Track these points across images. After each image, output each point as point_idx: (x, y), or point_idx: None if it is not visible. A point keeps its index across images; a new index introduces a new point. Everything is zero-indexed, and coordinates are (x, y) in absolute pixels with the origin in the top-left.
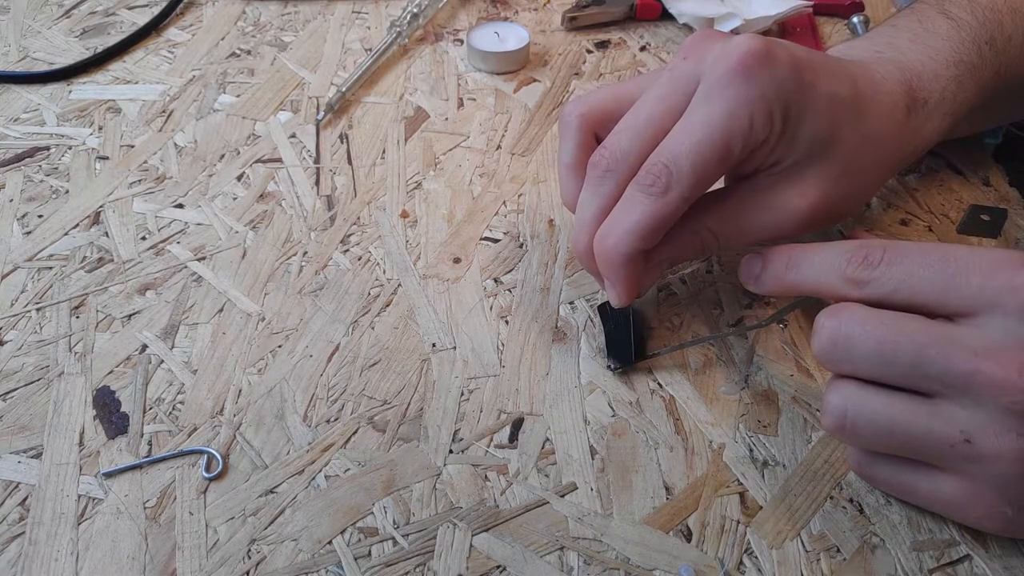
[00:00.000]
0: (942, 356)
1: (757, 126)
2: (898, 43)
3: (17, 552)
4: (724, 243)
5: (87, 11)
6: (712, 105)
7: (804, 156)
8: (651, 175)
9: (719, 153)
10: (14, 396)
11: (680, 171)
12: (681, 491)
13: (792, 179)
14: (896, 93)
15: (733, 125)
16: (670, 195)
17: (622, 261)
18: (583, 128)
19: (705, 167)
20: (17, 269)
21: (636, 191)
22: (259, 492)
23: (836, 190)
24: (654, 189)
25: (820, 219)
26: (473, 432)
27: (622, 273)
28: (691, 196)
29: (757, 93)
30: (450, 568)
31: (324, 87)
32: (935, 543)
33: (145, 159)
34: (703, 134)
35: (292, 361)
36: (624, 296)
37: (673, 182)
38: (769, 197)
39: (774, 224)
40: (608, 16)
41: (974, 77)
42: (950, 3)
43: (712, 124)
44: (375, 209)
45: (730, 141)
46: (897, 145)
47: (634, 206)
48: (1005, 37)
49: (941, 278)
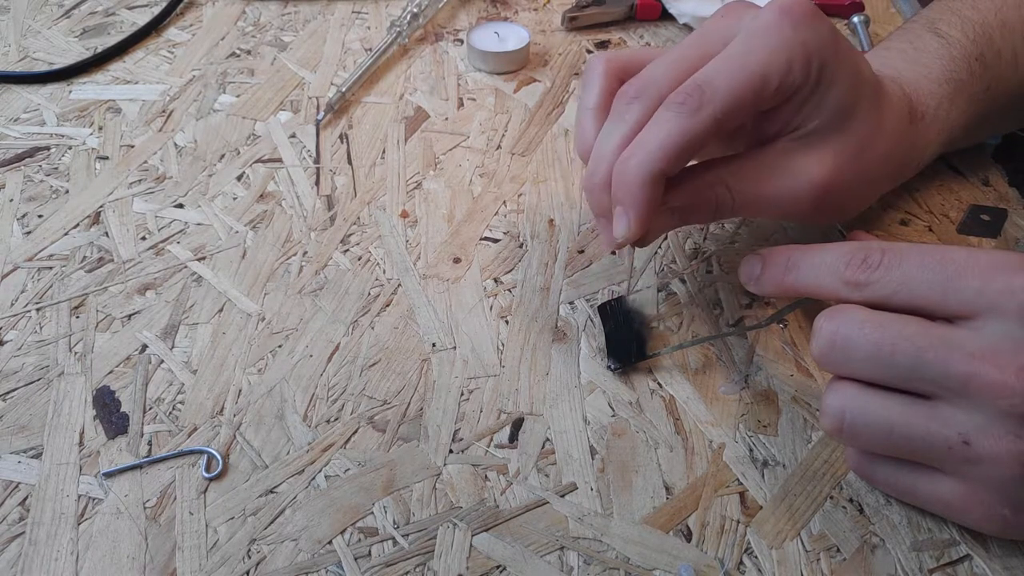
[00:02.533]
0: (940, 359)
1: (795, 70)
2: (893, 63)
3: (17, 552)
4: (739, 204)
5: (87, 11)
6: (754, 40)
7: (827, 123)
8: (683, 94)
9: (756, 83)
10: (14, 396)
11: (715, 91)
12: (681, 491)
13: (812, 146)
14: (902, 100)
15: (773, 59)
16: (702, 113)
17: (644, 182)
18: (609, 73)
19: (741, 92)
20: (17, 269)
21: (666, 110)
22: (259, 492)
23: (850, 167)
24: (685, 107)
25: (830, 198)
26: (473, 432)
27: (640, 197)
28: (723, 119)
29: (800, 39)
30: (450, 568)
31: (324, 87)
32: (935, 543)
33: (145, 159)
34: (742, 61)
35: (292, 361)
36: (636, 225)
37: (706, 101)
38: (788, 161)
39: (789, 190)
40: (608, 16)
41: (965, 94)
42: (940, 21)
43: (752, 54)
44: (375, 209)
45: (768, 75)
46: (903, 147)
47: (663, 124)
48: (995, 52)
49: (940, 280)
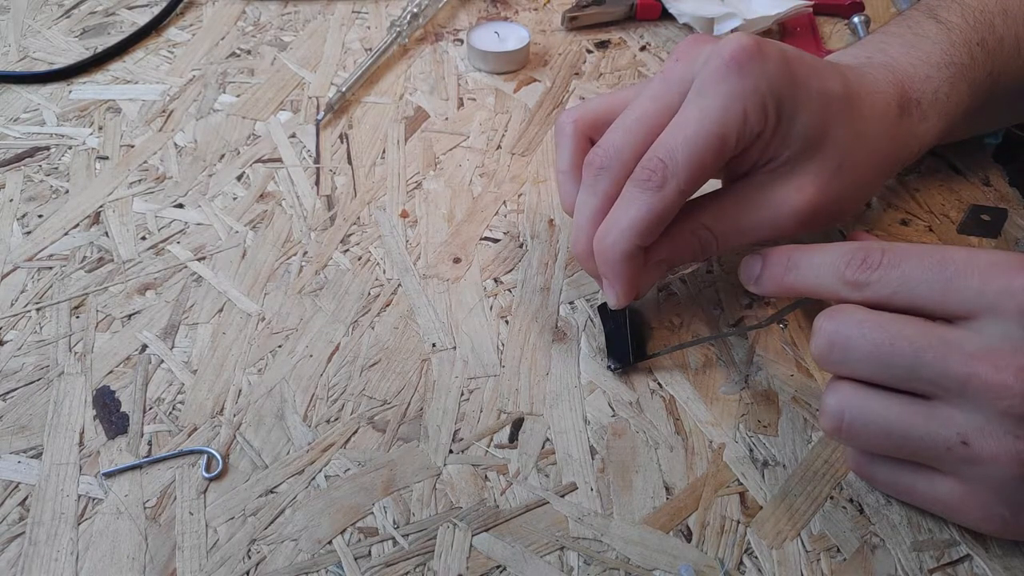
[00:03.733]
0: (939, 359)
1: (751, 119)
2: (889, 48)
3: (17, 552)
4: (723, 243)
5: (87, 11)
6: (706, 99)
7: (799, 152)
8: (647, 170)
9: (715, 145)
10: (14, 396)
11: (676, 164)
12: (681, 491)
13: (788, 175)
14: (888, 94)
15: (728, 117)
16: (667, 189)
17: (621, 259)
18: (578, 133)
19: (701, 159)
20: (17, 269)
21: (633, 187)
22: (259, 492)
23: (832, 187)
24: (650, 184)
25: (818, 217)
26: (473, 432)
27: (621, 272)
28: (688, 189)
29: (751, 86)
30: (450, 568)
31: (324, 87)
32: (935, 543)
33: (145, 159)
34: (698, 127)
35: (292, 361)
36: (623, 296)
37: (670, 175)
38: (766, 194)
39: (772, 221)
40: (608, 16)
41: (966, 78)
42: (940, 8)
43: (707, 117)
44: (375, 209)
45: (725, 133)
46: (892, 145)
47: (631, 203)
48: (996, 39)
49: (940, 281)
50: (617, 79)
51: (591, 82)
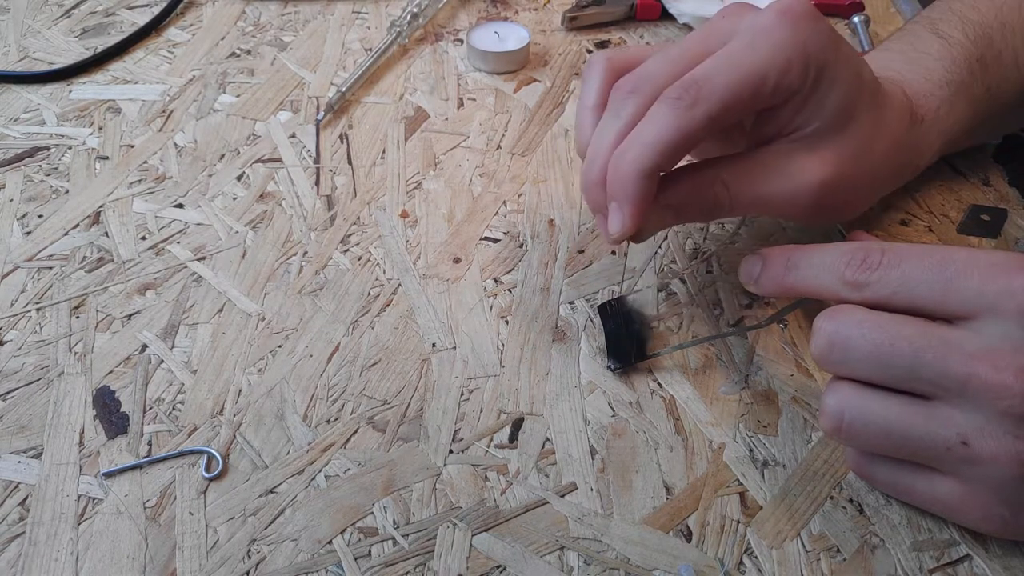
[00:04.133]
0: (938, 359)
1: (794, 71)
2: (894, 65)
3: (17, 552)
4: (736, 205)
5: (87, 11)
6: (754, 39)
7: (827, 125)
8: (679, 88)
9: (753, 82)
10: (14, 396)
11: (712, 88)
12: (681, 491)
13: (812, 147)
14: (903, 104)
15: (772, 60)
16: (697, 109)
17: (637, 177)
18: (609, 72)
19: (739, 91)
20: (17, 269)
21: (661, 104)
22: (259, 492)
23: (850, 169)
24: (680, 102)
25: (829, 200)
26: (473, 432)
27: (634, 193)
28: (718, 117)
29: (800, 40)
30: (450, 568)
31: (324, 87)
32: (935, 543)
33: (145, 159)
34: (740, 59)
35: (292, 361)
36: (629, 222)
37: (702, 97)
38: (789, 162)
39: (787, 191)
40: (608, 16)
41: (965, 95)
42: (941, 22)
43: (751, 54)
44: (375, 209)
45: (765, 74)
46: (902, 150)
47: (658, 119)
48: (995, 53)
49: (940, 281)
50: None
51: None
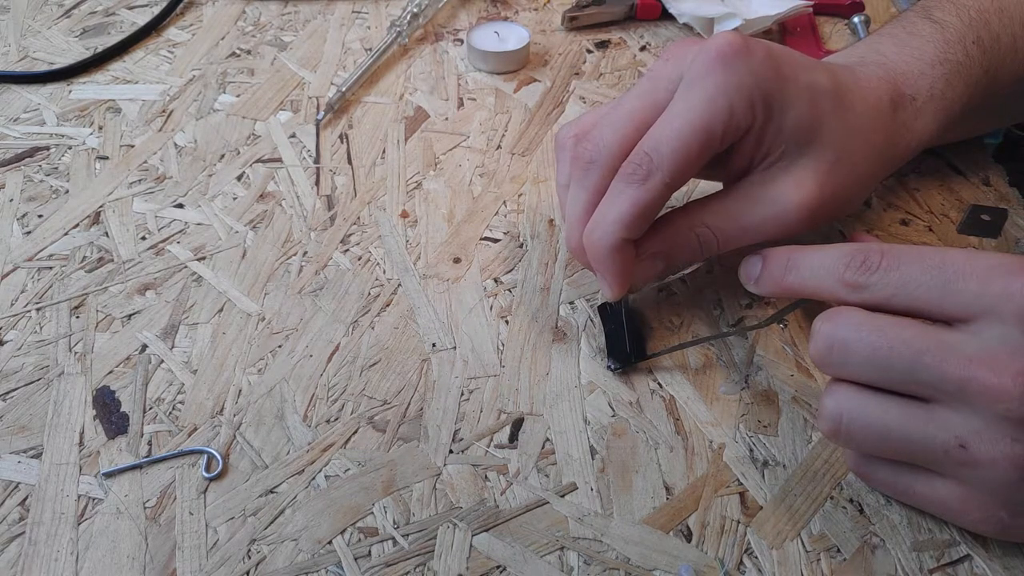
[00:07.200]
0: (937, 362)
1: (738, 113)
2: (882, 48)
3: (17, 552)
4: (725, 241)
5: (87, 11)
6: (692, 93)
7: (793, 147)
8: (632, 164)
9: (700, 138)
10: (14, 396)
11: (660, 157)
12: (681, 491)
13: (786, 172)
14: (880, 89)
15: (713, 110)
16: (652, 181)
17: (608, 252)
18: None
19: (687, 152)
20: (17, 269)
21: (619, 181)
22: (259, 492)
23: (830, 181)
24: (635, 177)
25: (818, 214)
26: (473, 432)
27: (611, 265)
28: (673, 183)
29: (736, 81)
30: (450, 568)
31: (324, 87)
32: (935, 543)
33: (145, 159)
34: (683, 120)
35: (292, 361)
36: (615, 288)
37: (655, 168)
38: (766, 191)
39: (773, 218)
40: (608, 16)
41: (962, 76)
42: (935, 8)
43: (692, 110)
44: (375, 209)
45: (711, 126)
46: (886, 139)
47: (618, 196)
48: (992, 36)
49: (939, 283)
50: (617, 79)
51: (591, 82)
